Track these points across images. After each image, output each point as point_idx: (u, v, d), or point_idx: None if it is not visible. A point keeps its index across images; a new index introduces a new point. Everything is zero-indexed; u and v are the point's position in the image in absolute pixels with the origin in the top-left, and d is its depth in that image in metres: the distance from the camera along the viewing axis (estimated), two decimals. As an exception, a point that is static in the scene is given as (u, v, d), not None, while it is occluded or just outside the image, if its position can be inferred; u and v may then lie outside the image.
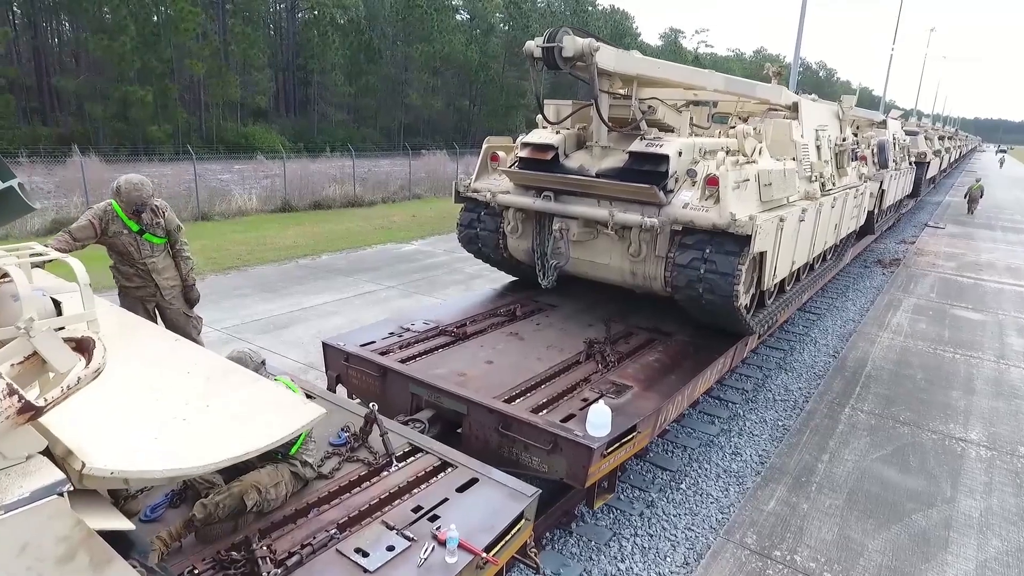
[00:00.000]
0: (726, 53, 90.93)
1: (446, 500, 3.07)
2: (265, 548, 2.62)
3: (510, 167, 6.02)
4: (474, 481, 3.25)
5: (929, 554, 4.54)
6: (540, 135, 5.84)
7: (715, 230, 4.92)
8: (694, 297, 5.18)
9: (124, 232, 4.68)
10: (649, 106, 5.62)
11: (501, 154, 6.35)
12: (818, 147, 7.24)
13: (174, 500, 2.90)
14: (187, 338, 4.77)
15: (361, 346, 5.07)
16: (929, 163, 19.85)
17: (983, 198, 25.01)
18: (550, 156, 5.68)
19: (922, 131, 21.01)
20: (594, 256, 5.67)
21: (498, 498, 3.11)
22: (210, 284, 10.55)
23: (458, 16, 49.38)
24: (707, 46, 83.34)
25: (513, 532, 2.98)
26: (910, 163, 15.71)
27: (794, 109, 6.90)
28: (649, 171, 5.14)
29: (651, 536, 4.68)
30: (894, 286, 12.29)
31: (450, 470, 3.37)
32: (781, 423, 6.68)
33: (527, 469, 4.02)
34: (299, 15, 45.97)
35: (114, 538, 1.38)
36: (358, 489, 3.16)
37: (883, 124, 12.67)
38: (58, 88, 32.80)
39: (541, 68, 4.95)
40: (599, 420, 3.79)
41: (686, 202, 5.10)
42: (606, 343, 5.36)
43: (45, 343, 1.31)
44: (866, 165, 9.57)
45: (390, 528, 2.83)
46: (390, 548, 2.69)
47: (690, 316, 5.72)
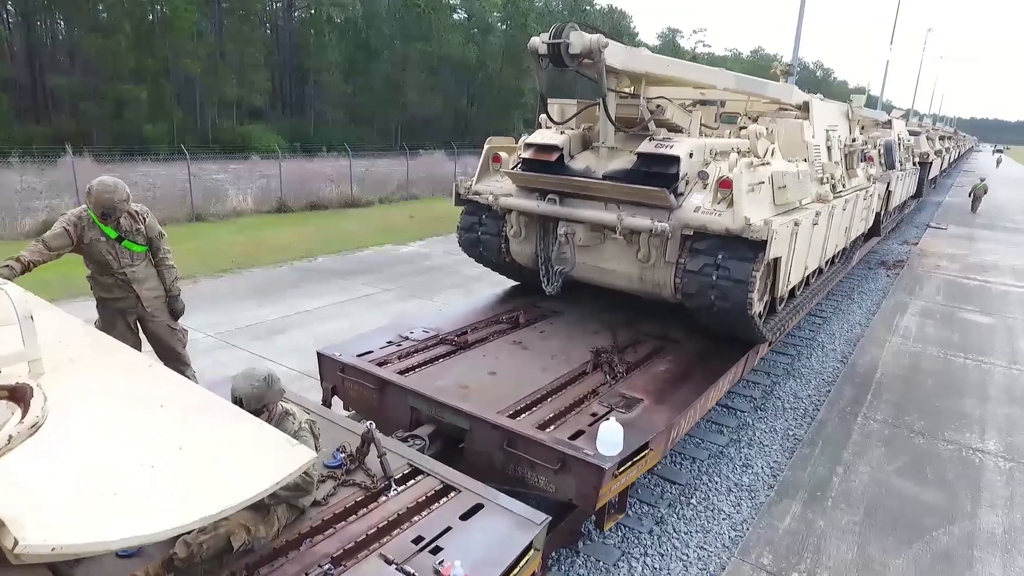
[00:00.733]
0: (723, 53, 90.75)
1: (449, 529, 2.85)
2: (253, 586, 2.40)
3: (513, 168, 5.80)
4: (479, 507, 3.04)
5: (954, 574, 4.33)
6: (544, 135, 5.63)
7: (728, 235, 4.71)
8: (705, 305, 4.97)
9: (101, 239, 4.31)
10: (658, 105, 5.41)
11: (503, 155, 6.13)
12: (829, 148, 7.04)
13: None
14: (171, 352, 4.50)
15: (358, 356, 4.84)
16: (931, 163, 19.68)
17: (986, 196, 25.31)
18: (555, 157, 5.46)
19: (924, 131, 20.84)
20: (601, 262, 5.46)
21: (505, 527, 2.90)
22: (203, 287, 10.32)
23: (456, 15, 49.12)
24: (705, 46, 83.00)
25: (522, 564, 2.76)
26: (914, 163, 15.53)
27: (805, 109, 6.69)
28: (659, 173, 4.92)
29: (662, 556, 4.46)
30: (900, 288, 12.10)
31: (453, 494, 3.15)
32: (792, 432, 6.48)
33: (533, 489, 3.81)
34: (296, 14, 45.66)
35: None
36: (354, 517, 2.94)
37: (888, 124, 12.48)
38: (52, 87, 32.46)
39: (546, 66, 4.73)
40: (610, 438, 3.58)
41: (697, 205, 4.88)
42: (613, 352, 5.15)
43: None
44: (873, 166, 9.37)
45: (389, 562, 2.61)
46: (389, 585, 2.47)
47: (699, 323, 5.51)
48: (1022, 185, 41.34)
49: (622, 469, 3.64)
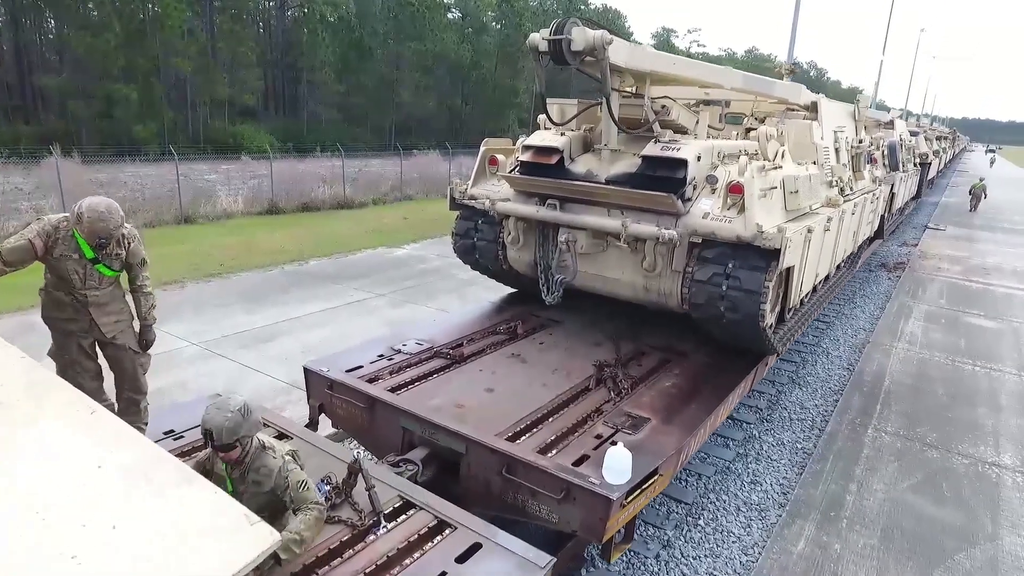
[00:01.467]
0: (717, 53, 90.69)
1: (444, 575, 2.58)
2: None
3: (510, 172, 5.53)
4: (477, 547, 2.77)
5: (979, 604, 4.10)
6: (544, 137, 5.35)
7: (739, 243, 4.45)
8: (715, 316, 4.71)
9: (73, 256, 3.73)
10: (663, 106, 5.14)
11: (500, 157, 5.86)
12: (837, 150, 6.79)
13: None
14: (129, 380, 3.88)
15: (347, 372, 4.56)
16: (931, 164, 19.52)
17: (986, 197, 25.62)
18: (555, 160, 5.19)
19: (922, 131, 20.69)
20: (604, 270, 5.19)
21: (505, 571, 2.63)
22: (189, 292, 10.01)
23: (450, 14, 48.77)
24: (699, 45, 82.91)
25: (524, 614, 2.49)
26: (915, 164, 15.34)
27: (813, 109, 6.45)
28: (665, 177, 4.66)
29: (670, 584, 4.21)
30: (902, 292, 11.90)
31: (448, 532, 2.88)
32: (800, 445, 6.24)
33: (534, 519, 3.54)
34: (289, 12, 45.25)
35: None
36: (339, 560, 2.67)
37: (890, 124, 12.26)
38: (41, 86, 31.96)
39: (546, 64, 4.46)
40: (618, 465, 3.31)
41: (706, 211, 4.62)
42: (617, 366, 4.88)
43: None
44: (878, 168, 9.14)
45: (377, 616, 2.34)
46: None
47: (707, 334, 5.25)
48: (1017, 185, 41.34)
49: (630, 498, 3.38)
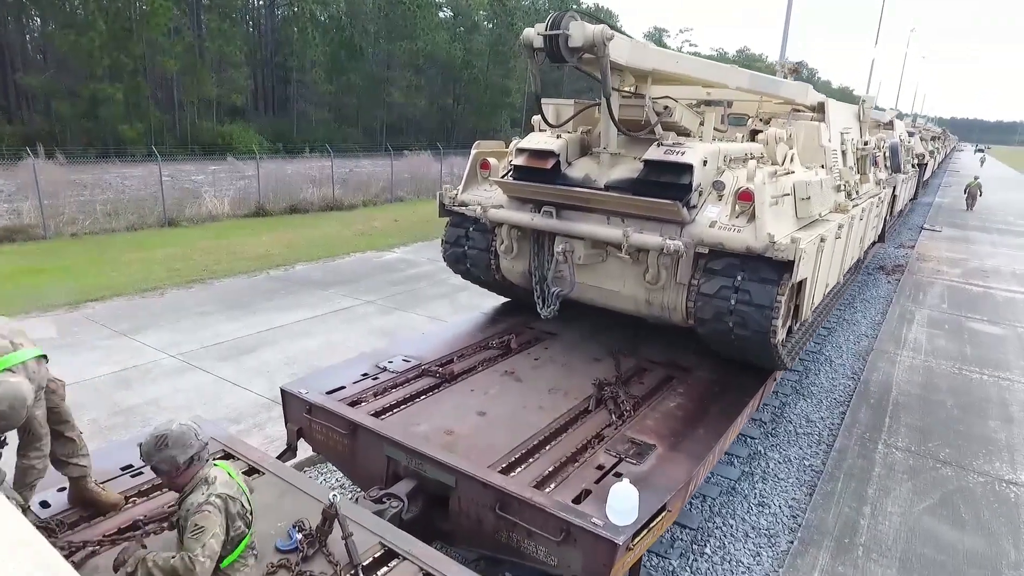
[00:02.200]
0: (709, 52, 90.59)
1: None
2: None
3: (503, 177, 5.21)
4: (467, 606, 2.44)
5: (1009, 642, 3.81)
6: (538, 140, 5.03)
7: (749, 254, 4.15)
8: (722, 331, 4.40)
9: None
10: (665, 107, 4.83)
11: (492, 161, 5.53)
12: (843, 152, 6.52)
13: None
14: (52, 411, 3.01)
15: (327, 394, 4.22)
16: (927, 164, 19.36)
17: (981, 196, 25.87)
18: (550, 164, 4.86)
19: (918, 131, 20.53)
20: (603, 282, 4.87)
21: (500, 637, 2.30)
22: (170, 300, 9.62)
23: (441, 13, 48.35)
24: (691, 45, 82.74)
25: None
26: (914, 165, 15.14)
27: (820, 110, 6.16)
28: (669, 183, 4.35)
29: (677, 623, 3.90)
30: (903, 296, 11.66)
31: (435, 588, 2.55)
32: (808, 462, 5.95)
33: (530, 560, 3.22)
34: (278, 11, 44.69)
35: None
36: (309, 625, 2.33)
37: (890, 125, 12.03)
38: (23, 85, 31.31)
39: (542, 61, 4.13)
40: (624, 504, 2.99)
41: (713, 220, 4.32)
42: (618, 384, 4.57)
43: None
44: (881, 170, 8.88)
45: None
46: None
47: (713, 350, 4.94)
48: (1009, 184, 41.43)
49: (637, 539, 3.06)
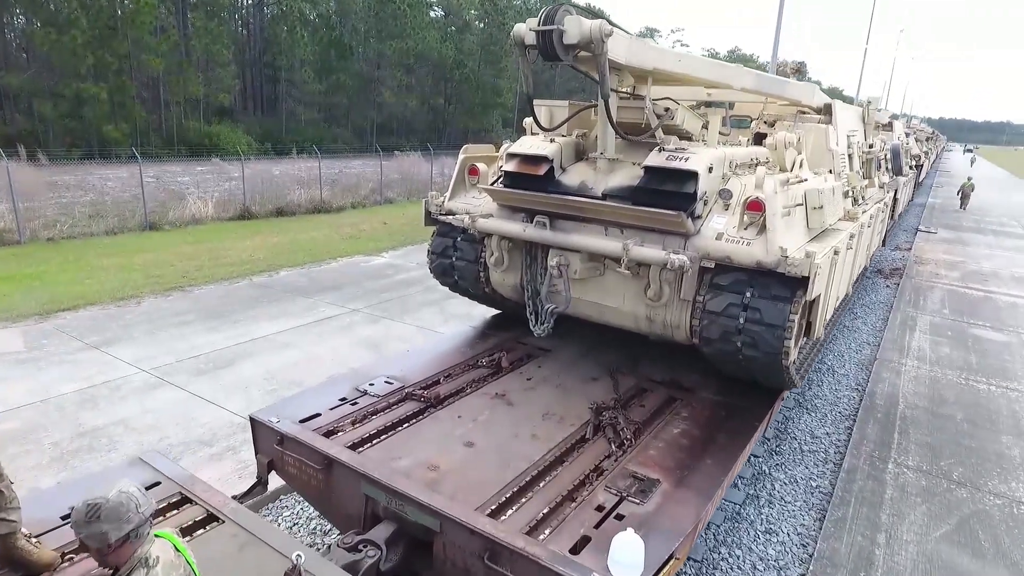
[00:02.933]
0: (700, 53, 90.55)
1: None
2: None
3: (493, 184, 4.86)
4: None
5: None
6: (531, 144, 4.69)
7: (759, 269, 3.83)
8: (730, 352, 4.08)
9: None
10: (666, 108, 4.49)
11: (481, 166, 5.18)
12: (850, 156, 6.22)
13: None
14: None
15: (300, 423, 3.86)
16: (922, 166, 19.18)
17: (972, 194, 26.04)
18: (543, 171, 4.53)
19: (912, 132, 20.35)
20: (601, 297, 4.54)
21: None
22: (146, 309, 9.21)
23: (432, 12, 47.92)
24: (682, 45, 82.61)
25: None
26: (911, 167, 14.92)
27: (826, 112, 5.86)
28: (672, 192, 4.02)
29: (684, 674, 3.58)
30: (903, 301, 11.41)
31: (412, 668, 2.20)
32: (815, 483, 5.64)
33: (524, 617, 2.87)
34: (266, 10, 44.11)
35: None
36: None
37: (889, 126, 11.77)
38: (3, 85, 30.64)
39: (534, 59, 3.79)
40: (628, 558, 2.66)
41: (720, 231, 3.99)
42: (617, 408, 4.23)
43: None
44: (884, 173, 8.61)
45: None
46: None
47: (718, 369, 4.62)
48: (999, 185, 41.50)
49: (642, 595, 2.72)
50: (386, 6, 41.27)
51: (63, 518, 2.95)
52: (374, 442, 3.78)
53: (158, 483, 3.24)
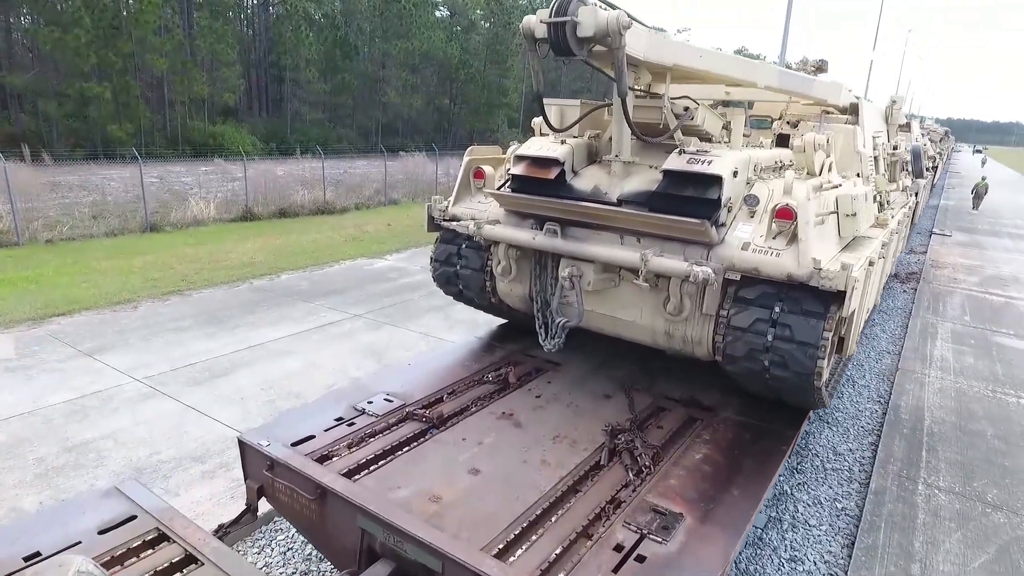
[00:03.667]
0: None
1: None
2: None
3: (500, 188, 4.57)
4: None
5: None
6: (540, 145, 4.39)
7: (790, 282, 3.52)
8: (756, 371, 3.78)
9: None
10: (685, 107, 4.20)
11: (487, 169, 4.89)
12: (875, 158, 5.90)
13: None
14: None
15: (292, 446, 3.58)
16: (937, 167, 18.79)
17: (986, 195, 25.91)
18: (554, 174, 4.24)
19: (927, 133, 19.96)
20: (616, 310, 4.24)
21: None
22: (143, 314, 8.96)
23: (438, 12, 47.69)
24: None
25: None
26: (928, 168, 14.54)
27: (853, 112, 5.54)
28: (693, 197, 3.72)
29: None
30: (921, 307, 11.05)
31: None
32: (840, 505, 5.32)
33: (535, 673, 2.58)
34: (271, 9, 43.97)
35: None
36: None
37: (907, 127, 11.41)
38: (6, 85, 30.57)
39: (545, 54, 3.50)
40: (653, 613, 2.36)
41: (746, 241, 3.69)
42: (633, 430, 3.93)
43: None
44: (907, 175, 8.27)
45: None
46: None
47: (741, 387, 4.31)
48: (1011, 187, 40.93)
49: (668, 654, 2.43)
50: (391, 6, 41.06)
51: (27, 559, 2.67)
52: (371, 469, 3.49)
53: (134, 517, 2.96)
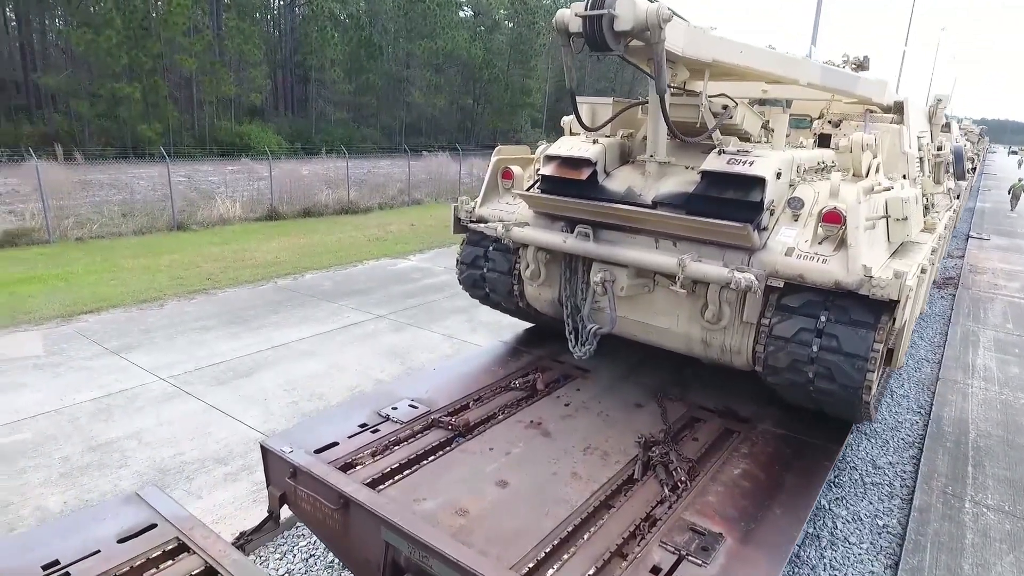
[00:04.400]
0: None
1: None
2: None
3: (529, 189, 4.43)
4: None
5: None
6: (571, 145, 4.25)
7: (837, 289, 3.33)
8: (799, 383, 3.59)
9: None
10: (724, 106, 4.02)
11: (516, 170, 4.76)
12: (920, 159, 5.64)
13: None
14: None
15: (316, 453, 3.48)
16: (975, 169, 18.21)
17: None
18: (586, 175, 4.09)
19: (965, 134, 19.33)
20: (649, 317, 4.08)
21: None
22: (169, 312, 9.00)
23: (462, 12, 47.71)
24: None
25: None
26: (969, 170, 14.06)
27: (898, 111, 5.30)
28: (734, 200, 3.54)
29: None
30: (961, 314, 10.65)
31: None
32: (881, 522, 5.09)
33: None
34: (297, 10, 44.40)
35: None
36: None
37: (947, 128, 11.01)
38: (40, 85, 31.28)
39: (580, 49, 3.36)
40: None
41: (790, 246, 3.50)
42: (668, 442, 3.77)
43: None
44: (950, 177, 7.95)
45: None
46: None
47: (780, 397, 4.12)
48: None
49: None
50: (416, 6, 41.18)
51: (45, 568, 2.60)
52: (396, 478, 3.38)
53: (154, 525, 2.88)
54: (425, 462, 3.55)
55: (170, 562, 2.72)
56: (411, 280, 11.37)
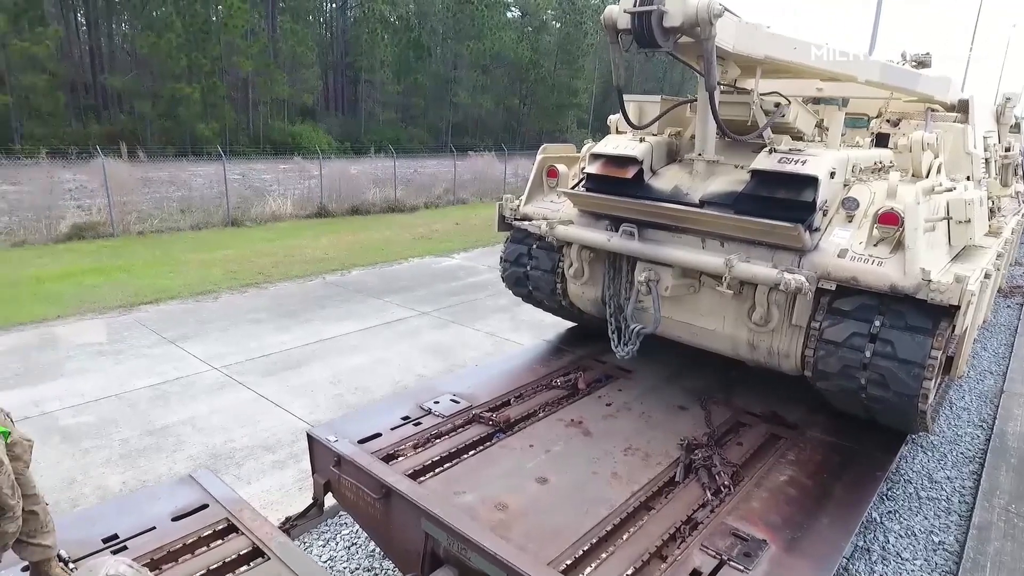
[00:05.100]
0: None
1: None
2: None
3: (574, 187, 4.42)
4: None
5: None
6: (618, 143, 4.22)
7: (893, 293, 3.21)
8: (850, 389, 3.47)
9: None
10: (776, 104, 3.92)
11: (561, 168, 4.75)
12: (986, 160, 5.38)
13: None
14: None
15: (359, 443, 3.56)
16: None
17: None
18: (632, 173, 4.05)
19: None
20: (695, 318, 4.02)
21: None
22: (222, 304, 9.34)
23: (509, 13, 47.92)
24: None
25: None
26: (1038, 173, 13.32)
27: (962, 110, 5.07)
28: (785, 200, 3.46)
29: None
30: (1029, 324, 10.11)
31: None
32: (937, 538, 4.87)
33: None
34: (349, 12, 45.39)
35: None
36: None
37: (1016, 128, 10.45)
38: (107, 86, 32.87)
39: (628, 46, 3.33)
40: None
41: (843, 247, 3.40)
42: (711, 445, 3.70)
43: None
44: (1019, 180, 7.55)
45: None
46: None
47: (830, 404, 4.00)
48: None
49: None
50: (464, 7, 41.57)
51: (105, 541, 2.74)
52: (437, 471, 3.43)
53: (206, 506, 3.00)
54: (465, 456, 3.59)
55: (220, 541, 2.83)
56: (455, 278, 11.48)
